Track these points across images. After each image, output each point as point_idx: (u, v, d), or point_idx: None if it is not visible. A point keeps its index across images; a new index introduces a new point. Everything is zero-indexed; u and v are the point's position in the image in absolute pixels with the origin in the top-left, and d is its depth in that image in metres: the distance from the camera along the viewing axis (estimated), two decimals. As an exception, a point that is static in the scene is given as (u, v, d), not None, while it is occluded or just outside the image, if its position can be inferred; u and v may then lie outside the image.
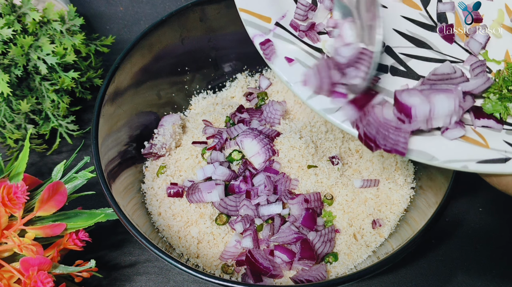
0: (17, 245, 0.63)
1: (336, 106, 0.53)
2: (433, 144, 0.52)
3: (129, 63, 0.76)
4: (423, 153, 0.51)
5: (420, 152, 0.51)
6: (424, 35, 0.64)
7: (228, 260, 0.72)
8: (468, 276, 0.77)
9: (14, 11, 0.78)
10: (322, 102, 0.54)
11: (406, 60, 0.61)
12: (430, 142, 0.52)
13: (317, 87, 0.53)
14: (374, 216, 0.75)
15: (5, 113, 0.81)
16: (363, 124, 0.51)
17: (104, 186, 0.66)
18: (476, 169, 0.51)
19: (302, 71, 0.55)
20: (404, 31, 0.63)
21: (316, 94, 0.54)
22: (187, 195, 0.75)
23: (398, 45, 0.62)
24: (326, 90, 0.53)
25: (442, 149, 0.51)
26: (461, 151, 0.51)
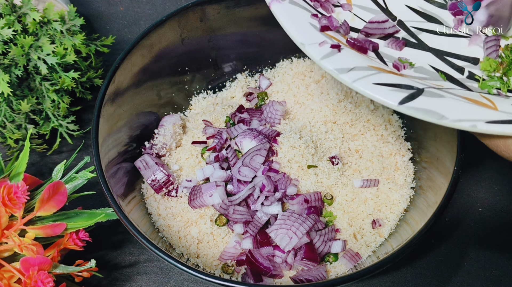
0: (17, 245, 0.63)
1: (349, 66, 0.54)
2: (443, 104, 0.52)
3: (129, 63, 0.76)
4: (432, 112, 0.51)
5: (428, 111, 0.51)
6: (435, 12, 0.66)
7: (227, 260, 0.72)
8: (468, 276, 0.77)
9: (15, 11, 0.78)
10: (335, 63, 0.54)
11: (417, 33, 0.64)
12: (439, 103, 0.52)
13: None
14: (374, 216, 0.76)
15: (5, 113, 0.81)
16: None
17: (104, 186, 0.67)
18: (485, 129, 0.51)
19: (316, 34, 0.57)
20: (416, 7, 0.66)
21: (330, 56, 0.55)
22: (189, 201, 0.75)
23: (410, 19, 0.65)
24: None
25: (451, 109, 0.52)
26: (470, 111, 0.52)
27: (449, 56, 0.63)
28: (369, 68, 0.54)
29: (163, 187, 0.76)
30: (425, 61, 0.61)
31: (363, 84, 0.52)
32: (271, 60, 0.92)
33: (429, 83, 0.56)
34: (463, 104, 0.52)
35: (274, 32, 0.87)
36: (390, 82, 0.53)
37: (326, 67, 0.54)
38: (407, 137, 0.83)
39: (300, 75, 0.88)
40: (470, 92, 0.56)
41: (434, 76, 0.60)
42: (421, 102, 0.51)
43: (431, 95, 0.52)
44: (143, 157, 0.78)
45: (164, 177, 0.76)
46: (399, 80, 0.53)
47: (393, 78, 0.54)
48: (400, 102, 0.51)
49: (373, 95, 0.52)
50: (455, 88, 0.57)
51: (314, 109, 0.83)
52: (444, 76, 0.60)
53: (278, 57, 0.91)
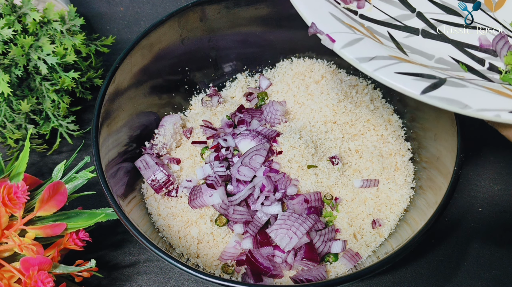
0: (17, 245, 0.63)
1: (370, 55, 0.54)
2: (466, 94, 0.52)
3: (129, 63, 0.76)
4: (455, 101, 0.50)
5: (452, 100, 0.51)
6: (454, 4, 0.67)
7: (227, 260, 0.72)
8: (468, 276, 0.77)
9: (15, 11, 0.78)
10: (355, 52, 0.54)
11: (437, 25, 0.65)
12: (462, 92, 0.52)
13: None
14: (374, 216, 0.76)
15: (5, 113, 0.81)
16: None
17: (104, 186, 0.67)
18: (509, 118, 0.51)
19: (336, 23, 0.57)
20: (435, 0, 0.67)
21: (351, 45, 0.55)
22: (189, 201, 0.75)
23: (430, 11, 0.66)
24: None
25: (474, 98, 0.51)
26: (493, 101, 0.52)
27: (469, 48, 0.63)
28: (390, 58, 0.54)
29: (163, 187, 0.76)
30: (445, 53, 0.62)
31: (385, 73, 0.52)
32: (271, 60, 0.92)
33: (451, 73, 0.56)
34: (486, 94, 0.52)
35: (274, 32, 0.88)
36: (412, 72, 0.52)
37: (347, 57, 0.54)
38: (407, 137, 0.83)
39: (300, 75, 0.88)
40: (492, 83, 0.56)
41: (455, 67, 0.60)
42: (444, 92, 0.51)
43: (453, 85, 0.52)
44: (143, 157, 0.78)
45: (164, 177, 0.76)
46: (421, 70, 0.53)
47: (415, 68, 0.53)
48: (423, 92, 0.50)
49: (395, 85, 0.51)
50: (476, 79, 0.57)
51: (314, 109, 0.83)
52: (465, 67, 0.60)
53: (278, 57, 0.91)
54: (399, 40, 0.62)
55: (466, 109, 0.50)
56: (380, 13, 0.64)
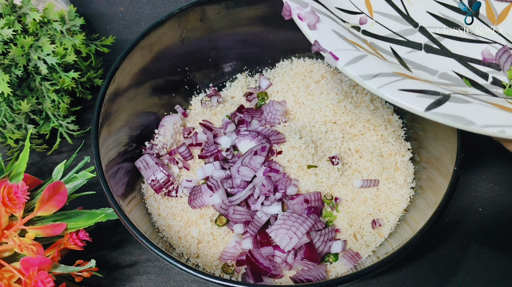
0: (17, 245, 0.63)
1: (373, 73, 0.54)
2: (470, 110, 0.52)
3: (129, 63, 0.76)
4: (459, 117, 0.51)
5: (456, 117, 0.51)
6: (456, 18, 0.67)
7: (227, 260, 0.72)
8: (468, 276, 0.77)
9: (15, 11, 0.78)
10: (359, 69, 0.54)
11: (439, 39, 0.64)
12: (466, 108, 0.52)
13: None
14: (374, 216, 0.76)
15: (5, 113, 0.81)
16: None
17: (104, 186, 0.67)
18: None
19: (339, 41, 0.57)
20: (437, 14, 0.67)
21: (354, 63, 0.55)
22: (189, 201, 0.75)
23: (432, 25, 0.66)
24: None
25: (478, 114, 0.51)
26: (497, 116, 0.51)
27: (472, 62, 0.63)
28: (393, 75, 0.54)
29: (163, 187, 0.76)
30: (448, 67, 0.61)
31: (389, 90, 0.52)
32: (271, 60, 0.92)
33: (454, 89, 0.56)
34: (490, 110, 0.52)
35: (274, 32, 0.88)
36: (415, 88, 0.52)
37: (351, 74, 0.54)
38: (407, 137, 0.83)
39: (300, 75, 0.88)
40: (495, 98, 0.56)
41: (458, 82, 0.59)
42: (448, 108, 0.51)
43: (457, 101, 0.52)
44: (144, 157, 0.78)
45: (164, 177, 0.76)
46: (425, 86, 0.53)
47: (418, 84, 0.53)
48: (427, 109, 0.50)
49: (399, 102, 0.51)
50: (480, 94, 0.57)
51: (314, 109, 0.83)
52: (469, 82, 0.60)
53: (278, 57, 0.91)
54: (402, 56, 0.61)
55: (470, 126, 0.50)
56: (383, 28, 0.64)
